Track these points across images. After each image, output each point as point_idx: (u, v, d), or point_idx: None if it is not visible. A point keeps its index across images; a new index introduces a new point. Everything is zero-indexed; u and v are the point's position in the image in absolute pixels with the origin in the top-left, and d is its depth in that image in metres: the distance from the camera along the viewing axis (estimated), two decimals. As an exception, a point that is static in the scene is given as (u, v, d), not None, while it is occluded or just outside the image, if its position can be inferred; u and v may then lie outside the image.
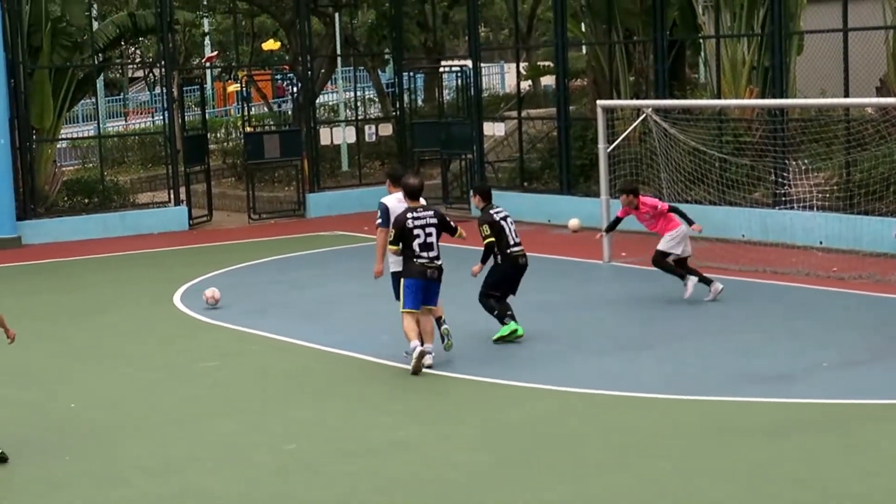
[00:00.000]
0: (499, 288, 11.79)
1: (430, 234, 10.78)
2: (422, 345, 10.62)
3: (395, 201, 11.09)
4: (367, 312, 13.55)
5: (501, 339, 11.63)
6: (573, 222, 18.60)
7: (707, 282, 13.42)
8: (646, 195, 14.35)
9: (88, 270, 17.67)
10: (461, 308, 12.04)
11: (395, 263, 11.10)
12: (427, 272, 10.77)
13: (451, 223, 11.09)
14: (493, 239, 11.59)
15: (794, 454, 8.25)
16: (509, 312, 11.68)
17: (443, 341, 11.11)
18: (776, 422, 9.00)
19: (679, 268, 13.55)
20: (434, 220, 10.86)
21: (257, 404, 10.10)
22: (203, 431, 9.37)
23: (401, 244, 10.75)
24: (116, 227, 20.88)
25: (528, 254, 11.88)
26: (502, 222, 11.69)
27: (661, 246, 13.57)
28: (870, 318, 12.39)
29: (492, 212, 11.76)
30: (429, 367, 10.68)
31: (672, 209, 13.79)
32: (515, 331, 11.63)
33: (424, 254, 10.75)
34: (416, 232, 10.73)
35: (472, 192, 13.73)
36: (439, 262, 10.84)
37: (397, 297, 11.00)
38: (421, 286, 10.75)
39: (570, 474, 8.05)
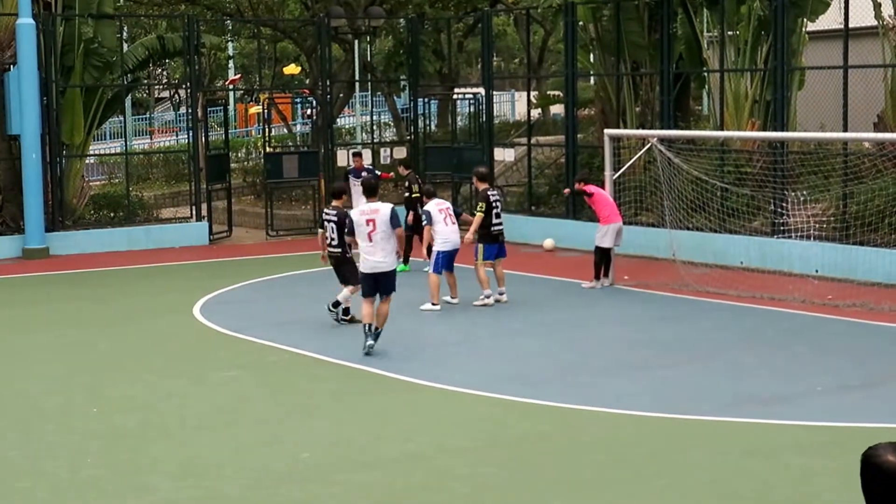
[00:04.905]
0: None
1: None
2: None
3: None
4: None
5: None
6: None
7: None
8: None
9: (113, 281, 17.85)
10: (470, 325, 12.52)
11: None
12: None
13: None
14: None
15: (791, 476, 8.30)
16: None
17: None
18: (773, 443, 9.04)
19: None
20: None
21: (274, 414, 10.20)
22: (222, 439, 9.46)
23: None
24: (140, 241, 21.21)
25: (535, 276, 12.33)
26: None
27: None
28: (863, 345, 12.54)
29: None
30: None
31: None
32: None
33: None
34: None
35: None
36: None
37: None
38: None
39: (570, 489, 8.17)
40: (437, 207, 14.79)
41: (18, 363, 12.56)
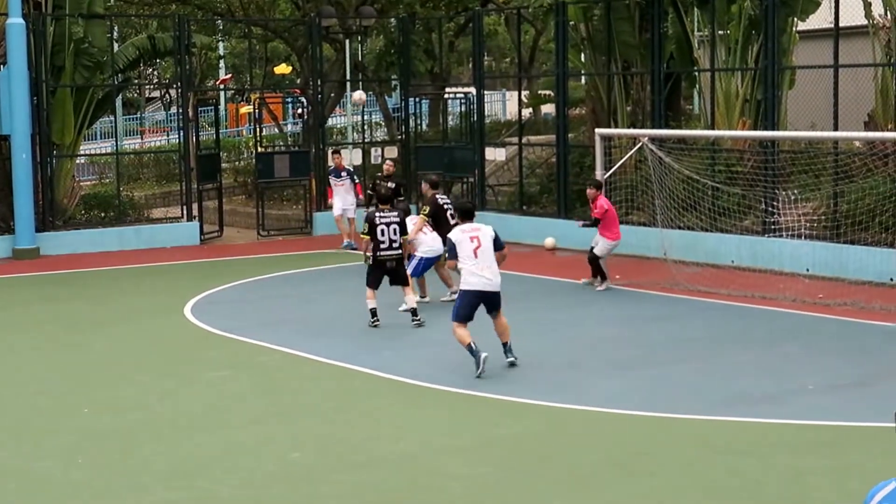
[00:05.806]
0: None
1: None
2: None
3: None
4: (369, 328, 13.78)
5: None
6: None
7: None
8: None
9: (104, 281, 17.86)
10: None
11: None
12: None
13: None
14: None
15: (783, 474, 8.31)
16: None
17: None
18: (765, 442, 9.06)
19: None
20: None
21: (267, 414, 10.20)
22: (213, 439, 9.46)
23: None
24: (131, 241, 21.21)
25: (527, 275, 12.29)
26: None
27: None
28: (855, 344, 12.60)
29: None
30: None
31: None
32: None
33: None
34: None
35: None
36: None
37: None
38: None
39: (564, 488, 8.17)
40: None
41: (11, 363, 12.54)
